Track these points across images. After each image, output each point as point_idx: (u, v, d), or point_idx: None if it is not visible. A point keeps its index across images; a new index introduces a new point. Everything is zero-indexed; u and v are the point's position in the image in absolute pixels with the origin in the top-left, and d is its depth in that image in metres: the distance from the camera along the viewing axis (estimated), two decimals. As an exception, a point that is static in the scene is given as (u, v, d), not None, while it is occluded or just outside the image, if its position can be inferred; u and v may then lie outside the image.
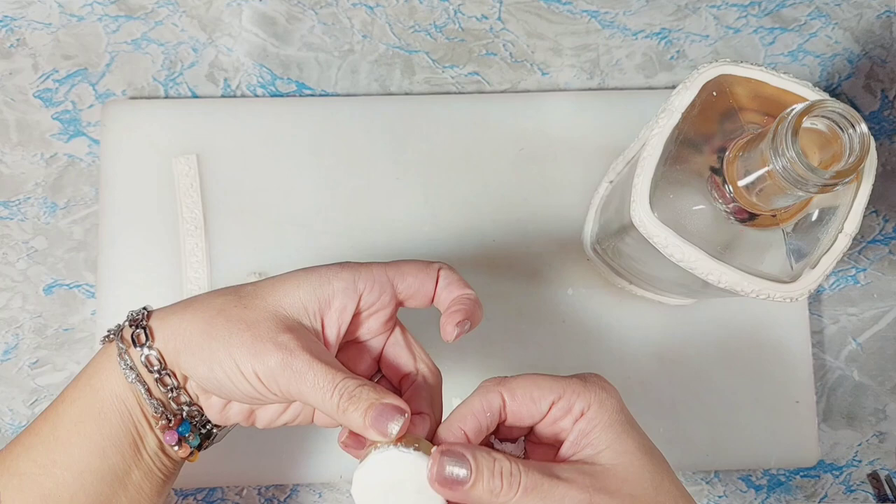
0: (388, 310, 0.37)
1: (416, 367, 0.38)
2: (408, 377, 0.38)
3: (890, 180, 0.58)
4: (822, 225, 0.37)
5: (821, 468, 0.56)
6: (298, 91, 0.57)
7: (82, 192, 0.55)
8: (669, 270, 0.40)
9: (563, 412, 0.33)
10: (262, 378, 0.33)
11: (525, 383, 0.34)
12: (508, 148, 0.55)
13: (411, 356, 0.38)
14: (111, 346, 0.36)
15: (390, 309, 0.37)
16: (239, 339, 0.34)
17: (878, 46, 0.59)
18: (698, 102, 0.38)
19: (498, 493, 0.31)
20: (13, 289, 0.55)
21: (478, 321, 0.36)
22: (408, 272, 0.37)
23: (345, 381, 0.33)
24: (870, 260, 0.58)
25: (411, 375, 0.38)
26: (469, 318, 0.36)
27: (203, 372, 0.34)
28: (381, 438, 0.32)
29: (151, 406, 0.35)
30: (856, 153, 0.31)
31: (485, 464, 0.31)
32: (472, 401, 0.34)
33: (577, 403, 0.33)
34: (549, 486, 0.31)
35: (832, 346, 0.57)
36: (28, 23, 0.56)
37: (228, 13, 0.57)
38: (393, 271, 0.37)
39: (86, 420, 0.35)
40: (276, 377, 0.33)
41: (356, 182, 0.54)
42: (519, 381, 0.34)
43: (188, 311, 0.35)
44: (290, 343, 0.34)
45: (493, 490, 0.31)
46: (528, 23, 0.58)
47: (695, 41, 0.58)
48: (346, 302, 0.36)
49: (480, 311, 0.37)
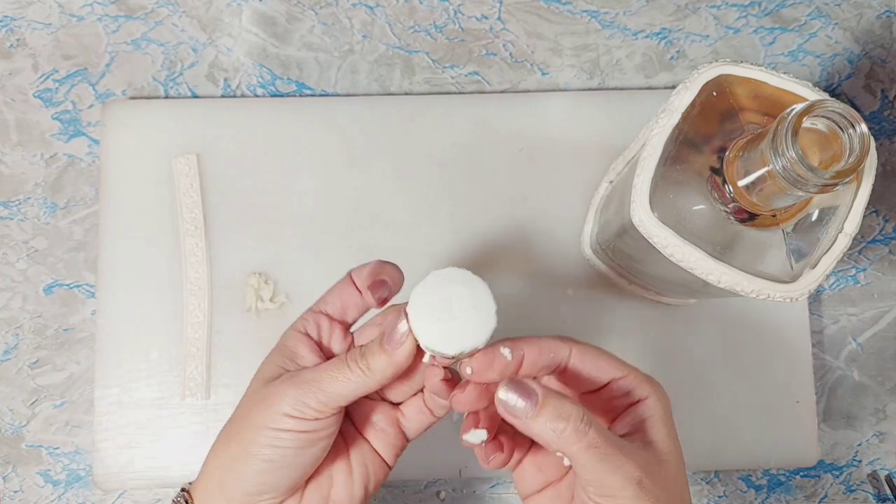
0: (340, 331, 0.38)
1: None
2: None
3: (890, 180, 0.58)
4: (823, 225, 0.37)
5: (821, 468, 0.56)
6: (298, 91, 0.57)
7: (82, 192, 0.55)
8: (669, 270, 0.40)
9: (621, 392, 0.34)
10: (292, 410, 0.34)
11: (595, 351, 0.34)
12: (508, 148, 0.55)
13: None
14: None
15: (341, 330, 0.38)
16: (249, 433, 0.35)
17: (878, 46, 0.59)
18: (698, 102, 0.38)
19: (561, 434, 0.31)
20: (13, 289, 0.55)
21: (394, 278, 0.37)
22: (326, 297, 0.38)
23: (351, 351, 0.35)
24: (870, 260, 0.58)
25: None
26: (376, 277, 0.36)
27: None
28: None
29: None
30: (856, 153, 0.31)
31: (553, 402, 0.31)
32: (543, 338, 0.34)
33: (639, 389, 0.34)
34: (611, 451, 0.31)
35: (832, 346, 0.57)
36: (28, 23, 0.56)
37: (228, 13, 0.57)
38: (317, 304, 0.38)
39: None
40: (301, 397, 0.34)
41: (356, 182, 0.54)
42: (590, 347, 0.34)
43: (219, 479, 0.36)
44: (282, 375, 0.35)
45: (557, 429, 0.31)
46: (528, 23, 0.58)
47: (695, 41, 0.58)
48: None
49: (391, 267, 0.37)
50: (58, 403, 0.54)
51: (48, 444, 0.54)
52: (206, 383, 0.52)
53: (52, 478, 0.54)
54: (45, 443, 0.54)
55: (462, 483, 0.54)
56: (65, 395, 0.54)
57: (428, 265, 0.53)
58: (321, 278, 0.53)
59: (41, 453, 0.54)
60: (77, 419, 0.54)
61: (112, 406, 0.52)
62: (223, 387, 0.52)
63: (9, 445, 0.54)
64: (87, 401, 0.54)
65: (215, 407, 0.52)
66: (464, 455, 0.52)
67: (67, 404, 0.54)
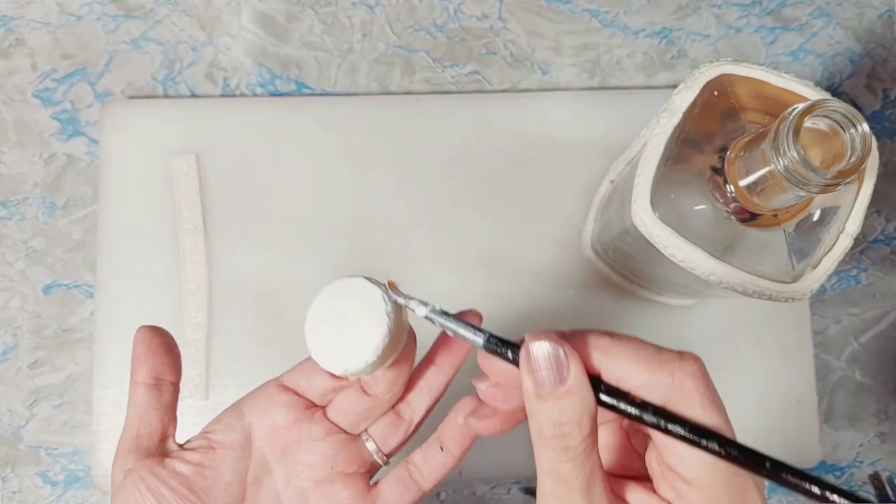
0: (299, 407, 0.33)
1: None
2: None
3: (892, 180, 0.58)
4: (824, 225, 0.37)
5: (822, 469, 0.56)
6: (298, 90, 0.57)
7: (81, 191, 0.55)
8: (670, 271, 0.39)
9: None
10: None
11: (626, 355, 0.28)
12: (508, 147, 0.55)
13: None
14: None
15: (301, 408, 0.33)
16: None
17: (879, 46, 0.59)
18: (699, 102, 0.37)
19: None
20: (12, 289, 0.55)
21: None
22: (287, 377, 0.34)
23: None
24: (871, 260, 0.57)
25: None
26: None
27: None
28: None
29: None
30: (857, 153, 0.31)
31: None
32: (574, 332, 0.29)
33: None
34: None
35: (834, 346, 0.57)
36: (27, 22, 0.56)
37: (227, 12, 0.57)
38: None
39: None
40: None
41: (356, 182, 0.54)
42: (623, 347, 0.28)
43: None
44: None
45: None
46: (528, 22, 0.58)
47: (696, 40, 0.58)
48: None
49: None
50: (56, 404, 0.54)
51: (47, 444, 0.54)
52: (205, 384, 0.52)
53: (50, 478, 0.54)
54: (43, 443, 0.54)
55: (462, 483, 0.54)
56: (63, 395, 0.54)
57: (428, 265, 0.53)
58: (320, 279, 0.53)
59: (40, 454, 0.54)
60: (76, 420, 0.54)
61: (111, 406, 0.52)
62: (222, 388, 0.52)
63: (7, 446, 0.54)
64: (86, 401, 0.54)
65: (214, 408, 0.52)
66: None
67: (66, 405, 0.54)
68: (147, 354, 0.32)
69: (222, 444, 0.32)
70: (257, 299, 0.53)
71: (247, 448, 0.32)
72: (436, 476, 0.33)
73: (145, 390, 0.32)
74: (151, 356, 0.32)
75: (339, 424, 0.33)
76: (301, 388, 0.33)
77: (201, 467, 0.31)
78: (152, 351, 0.32)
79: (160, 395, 0.32)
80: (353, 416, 0.32)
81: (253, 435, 0.32)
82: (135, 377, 0.32)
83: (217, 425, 0.32)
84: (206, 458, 0.31)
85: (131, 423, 0.32)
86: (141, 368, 0.32)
